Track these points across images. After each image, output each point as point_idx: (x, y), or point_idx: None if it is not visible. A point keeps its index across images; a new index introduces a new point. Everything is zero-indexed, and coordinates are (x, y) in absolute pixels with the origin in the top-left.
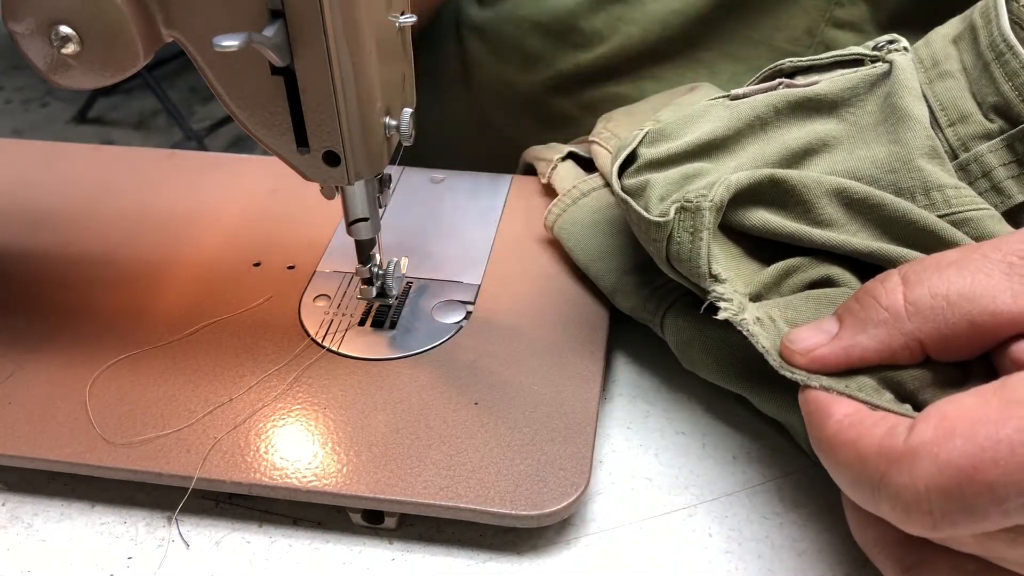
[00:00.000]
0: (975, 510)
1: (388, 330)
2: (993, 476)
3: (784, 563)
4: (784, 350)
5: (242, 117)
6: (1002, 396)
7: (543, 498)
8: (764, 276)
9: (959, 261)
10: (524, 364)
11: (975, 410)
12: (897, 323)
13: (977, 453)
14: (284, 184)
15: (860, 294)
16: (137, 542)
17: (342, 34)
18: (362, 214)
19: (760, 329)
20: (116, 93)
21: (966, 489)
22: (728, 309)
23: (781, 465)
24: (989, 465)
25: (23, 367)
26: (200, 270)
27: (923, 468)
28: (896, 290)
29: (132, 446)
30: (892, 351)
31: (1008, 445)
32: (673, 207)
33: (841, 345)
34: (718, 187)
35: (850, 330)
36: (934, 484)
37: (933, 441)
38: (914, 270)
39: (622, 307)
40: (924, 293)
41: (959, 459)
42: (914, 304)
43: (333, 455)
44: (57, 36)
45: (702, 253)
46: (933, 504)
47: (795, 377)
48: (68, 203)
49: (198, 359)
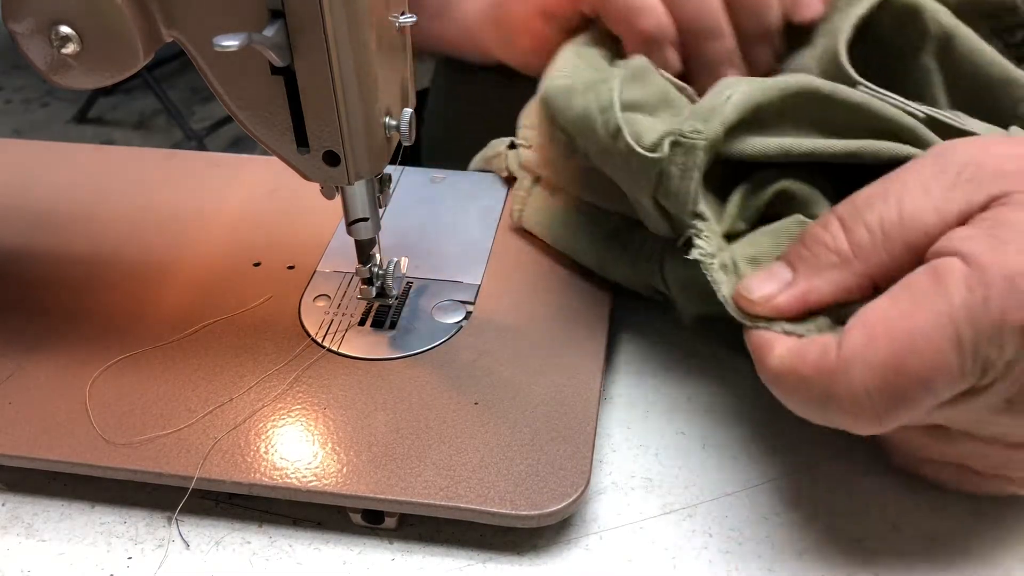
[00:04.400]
0: (909, 398)
1: (388, 330)
2: (916, 364)
3: (784, 563)
4: (741, 300)
5: (242, 117)
6: (907, 291)
7: (543, 498)
8: (730, 207)
9: (885, 193)
10: (524, 364)
11: (889, 310)
12: (847, 264)
13: (899, 348)
14: (284, 184)
15: (808, 241)
16: (137, 542)
17: (342, 34)
18: (362, 214)
19: (723, 276)
20: (116, 93)
21: (897, 382)
22: (700, 247)
23: (781, 465)
24: (910, 355)
25: (23, 367)
26: (200, 270)
27: (858, 374)
28: (839, 234)
29: (132, 446)
30: (847, 290)
31: (922, 334)
32: (667, 141)
33: (799, 291)
34: (714, 121)
35: (805, 276)
36: (871, 385)
37: (861, 347)
38: (848, 211)
39: (614, 277)
40: (863, 231)
41: (885, 357)
42: (858, 244)
43: (333, 455)
44: (57, 36)
45: (691, 191)
46: (875, 403)
47: (756, 324)
48: (68, 203)
49: (198, 359)
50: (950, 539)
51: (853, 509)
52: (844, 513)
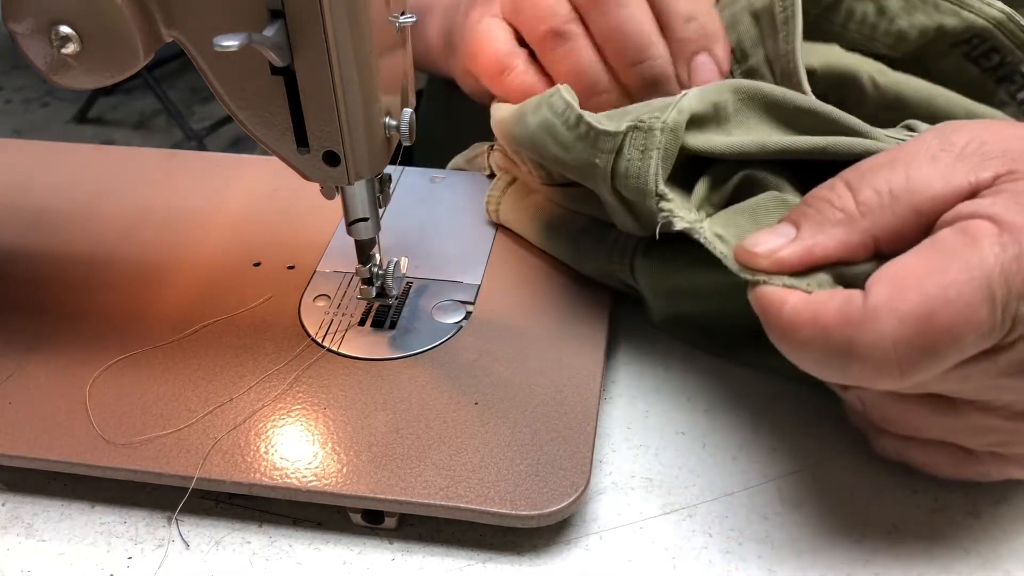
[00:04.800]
0: (936, 351)
1: (388, 330)
2: (947, 317)
3: (784, 563)
4: (744, 254)
5: (242, 117)
6: (937, 249)
7: (543, 498)
8: (697, 193)
9: (891, 162)
10: (524, 364)
11: (919, 266)
12: (853, 222)
13: (930, 301)
14: (284, 184)
15: (811, 200)
16: (137, 542)
17: (342, 34)
18: (362, 214)
19: (718, 240)
20: (116, 93)
21: (926, 334)
22: (680, 218)
23: (781, 465)
24: (942, 307)
25: (23, 367)
26: (200, 270)
27: (887, 324)
28: (845, 194)
29: (132, 446)
30: (851, 248)
31: (954, 287)
32: (625, 124)
33: (803, 245)
34: (671, 110)
35: (810, 231)
36: (900, 336)
37: (890, 299)
38: (854, 176)
39: (588, 271)
40: (871, 193)
41: (917, 308)
42: (865, 204)
43: (333, 455)
44: (57, 36)
45: (651, 171)
46: (900, 355)
47: (756, 278)
48: (68, 203)
49: (198, 359)
50: (950, 539)
51: (853, 509)
52: (844, 513)
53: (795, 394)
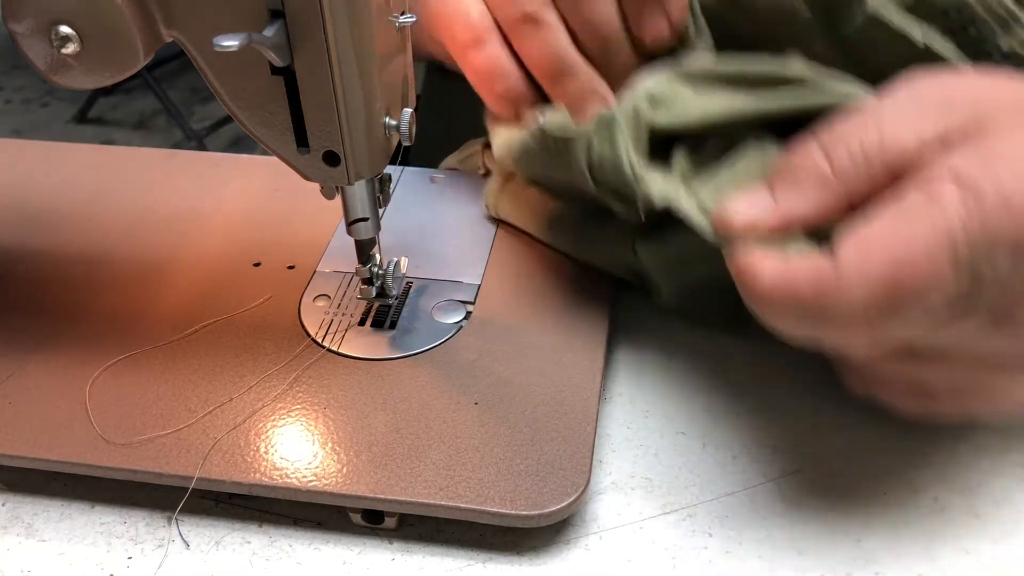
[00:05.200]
0: (904, 311)
1: (388, 330)
2: (913, 277)
3: (784, 563)
4: (721, 220)
5: (242, 117)
6: (903, 210)
7: (543, 498)
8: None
9: (863, 120)
10: (524, 364)
11: (882, 228)
12: (827, 186)
13: (896, 261)
14: (284, 184)
15: (787, 166)
16: (137, 542)
17: (342, 34)
18: (362, 214)
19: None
20: (116, 93)
21: (894, 294)
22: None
23: (781, 465)
24: (908, 268)
25: (23, 367)
26: (200, 270)
27: (855, 288)
28: (819, 157)
29: (132, 446)
30: (827, 210)
31: (920, 248)
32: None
33: (780, 210)
34: (628, 96)
35: (786, 196)
36: (869, 298)
37: (857, 262)
38: (828, 138)
39: (591, 259)
40: (844, 156)
41: (882, 270)
42: (839, 167)
43: (333, 455)
44: (57, 36)
45: (622, 156)
46: (871, 317)
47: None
48: (68, 203)
49: (198, 359)
50: (950, 539)
51: (853, 509)
52: (844, 513)
53: (796, 394)
